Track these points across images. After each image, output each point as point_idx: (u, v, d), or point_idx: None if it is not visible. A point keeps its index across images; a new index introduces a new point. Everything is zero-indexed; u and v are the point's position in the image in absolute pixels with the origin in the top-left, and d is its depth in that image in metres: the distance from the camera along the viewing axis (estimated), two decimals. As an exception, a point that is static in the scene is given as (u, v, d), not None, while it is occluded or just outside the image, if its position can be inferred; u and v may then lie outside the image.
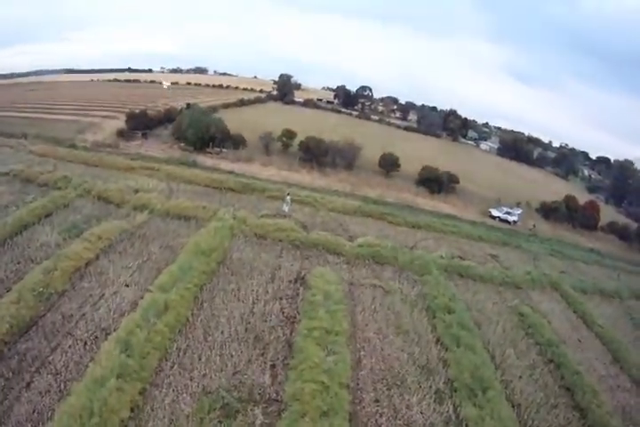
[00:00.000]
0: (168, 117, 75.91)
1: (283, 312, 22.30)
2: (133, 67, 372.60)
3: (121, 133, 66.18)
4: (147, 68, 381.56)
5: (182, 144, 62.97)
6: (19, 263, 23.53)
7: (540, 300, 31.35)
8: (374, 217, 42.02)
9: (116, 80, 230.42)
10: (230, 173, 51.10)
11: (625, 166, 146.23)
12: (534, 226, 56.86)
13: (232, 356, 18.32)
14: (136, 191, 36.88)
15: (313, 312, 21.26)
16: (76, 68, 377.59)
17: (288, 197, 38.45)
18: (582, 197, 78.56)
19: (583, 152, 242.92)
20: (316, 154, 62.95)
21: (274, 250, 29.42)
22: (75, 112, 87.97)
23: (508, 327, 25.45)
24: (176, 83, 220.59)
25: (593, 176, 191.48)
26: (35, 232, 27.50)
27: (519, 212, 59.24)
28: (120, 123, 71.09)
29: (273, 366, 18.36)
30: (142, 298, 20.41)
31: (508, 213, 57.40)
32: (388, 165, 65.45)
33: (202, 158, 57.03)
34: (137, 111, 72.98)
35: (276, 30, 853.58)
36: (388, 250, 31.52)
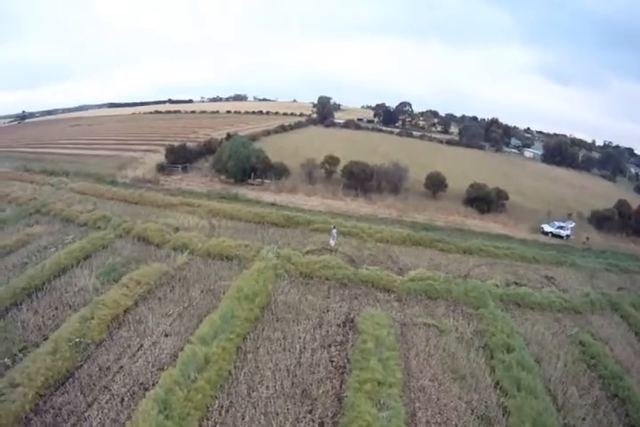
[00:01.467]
0: (208, 149, 75.49)
1: (332, 362, 20.55)
2: (174, 98, 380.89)
3: (161, 168, 66.04)
4: (187, 98, 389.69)
5: (223, 177, 62.33)
6: (56, 309, 23.06)
7: (601, 324, 29.23)
8: (424, 245, 39.75)
9: (157, 112, 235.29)
10: (273, 205, 49.88)
11: None
12: (588, 239, 53.56)
13: (277, 414, 16.69)
14: (176, 230, 36.08)
15: (364, 362, 19.49)
16: (117, 102, 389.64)
17: (334, 231, 36.67)
18: (632, 199, 73.99)
19: (628, 149, 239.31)
20: (360, 179, 60.14)
21: (321, 290, 27.79)
22: (116, 147, 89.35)
23: (569, 361, 23.50)
24: (216, 111, 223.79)
25: None
26: (73, 276, 26.90)
27: (571, 225, 55.82)
28: (160, 156, 71.17)
29: (322, 425, 16.67)
30: (182, 350, 19.07)
31: (561, 228, 54.19)
32: (435, 185, 62.45)
33: (243, 191, 56.31)
34: (176, 145, 72.53)
35: (312, 53, 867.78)
36: (441, 283, 29.63)
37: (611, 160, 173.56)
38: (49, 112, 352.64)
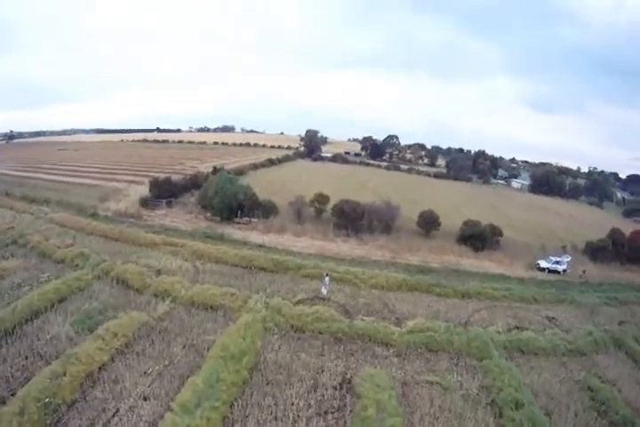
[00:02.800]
0: (194, 183, 73.65)
1: (329, 432, 18.62)
2: (162, 126, 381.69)
3: (144, 202, 64.17)
4: (175, 127, 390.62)
5: (209, 214, 60.64)
6: (26, 359, 21.38)
7: (607, 364, 28.68)
8: (421, 290, 38.35)
9: (144, 140, 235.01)
10: (261, 246, 47.93)
11: None
12: (584, 272, 53.09)
13: None
14: (158, 273, 34.14)
15: (366, 432, 17.70)
16: (106, 127, 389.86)
17: (326, 278, 34.74)
18: (623, 225, 76.07)
19: (613, 173, 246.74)
20: (351, 218, 58.15)
21: (314, 346, 25.75)
22: (100, 176, 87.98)
23: (579, 410, 22.49)
24: (204, 142, 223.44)
25: (626, 197, 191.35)
26: (46, 321, 25.15)
27: (567, 259, 55.01)
28: (145, 188, 69.37)
29: None
30: (162, 418, 17.29)
31: (557, 263, 53.44)
32: (428, 224, 60.74)
33: (230, 230, 54.66)
34: (161, 177, 70.93)
35: (300, 85, 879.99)
36: (442, 333, 28.16)
37: (597, 186, 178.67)
38: (37, 133, 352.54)
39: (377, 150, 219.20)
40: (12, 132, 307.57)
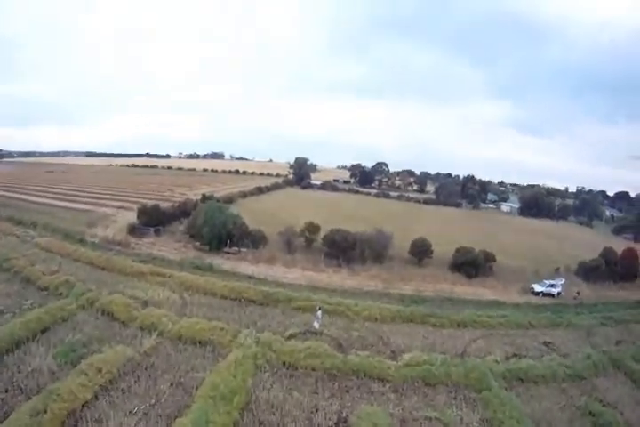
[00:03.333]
0: (183, 211, 73.00)
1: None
2: (152, 152, 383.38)
3: (132, 229, 63.31)
4: (164, 153, 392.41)
5: (197, 243, 60.06)
6: (6, 392, 20.36)
7: (606, 386, 28.73)
8: (415, 321, 37.68)
9: (134, 166, 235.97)
10: (250, 277, 47.13)
11: None
12: (578, 293, 54.07)
13: None
14: (145, 304, 33.04)
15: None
16: (96, 151, 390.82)
17: (319, 312, 33.58)
18: (614, 243, 79.03)
19: (601, 191, 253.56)
20: (342, 248, 57.42)
21: (307, 384, 24.68)
22: (88, 200, 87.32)
23: None
24: (193, 169, 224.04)
25: (615, 215, 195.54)
26: (28, 352, 24.16)
27: (561, 282, 55.77)
28: (133, 215, 68.66)
29: None
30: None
31: (552, 286, 54.01)
32: (421, 252, 60.56)
33: (219, 260, 53.89)
34: (150, 204, 70.13)
35: (288, 113, 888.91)
36: (439, 366, 27.27)
37: (586, 206, 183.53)
38: (26, 153, 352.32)
39: (366, 177, 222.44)
40: (0, 150, 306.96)
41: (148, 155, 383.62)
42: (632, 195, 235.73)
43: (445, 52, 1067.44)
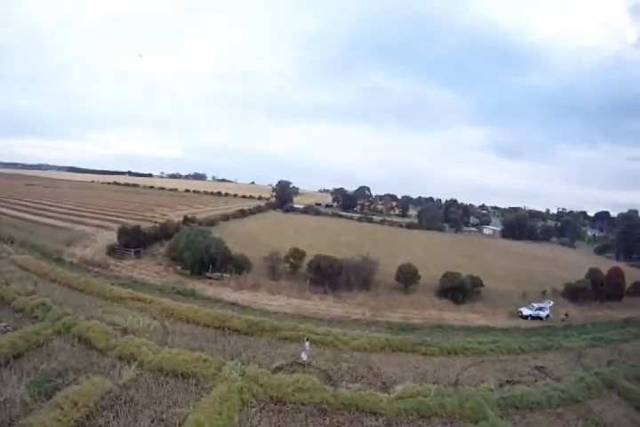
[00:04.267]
0: (164, 233, 71.30)
1: None
2: (134, 170, 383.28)
3: (112, 250, 61.34)
4: (147, 172, 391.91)
5: (179, 267, 58.11)
6: None
7: (602, 408, 28.92)
8: (405, 350, 36.81)
9: (115, 183, 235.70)
10: (234, 304, 45.56)
11: (630, 217, 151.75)
12: (566, 315, 55.05)
13: None
14: (124, 332, 31.48)
15: None
16: (78, 166, 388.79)
17: (306, 343, 32.01)
18: (599, 263, 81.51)
19: (582, 212, 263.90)
20: (328, 274, 56.06)
21: (296, 420, 23.26)
22: (68, 217, 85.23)
23: None
24: (175, 189, 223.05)
25: (597, 234, 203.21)
26: None
27: (549, 305, 55.95)
28: (113, 235, 66.76)
29: None
30: None
31: (540, 309, 54.25)
32: (407, 278, 59.36)
33: (201, 285, 52.29)
34: (131, 225, 68.42)
35: (271, 136, 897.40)
36: (432, 397, 26.48)
37: (568, 227, 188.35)
38: (6, 164, 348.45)
39: (349, 201, 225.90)
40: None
41: (130, 173, 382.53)
42: (612, 214, 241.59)
43: (427, 79, 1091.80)
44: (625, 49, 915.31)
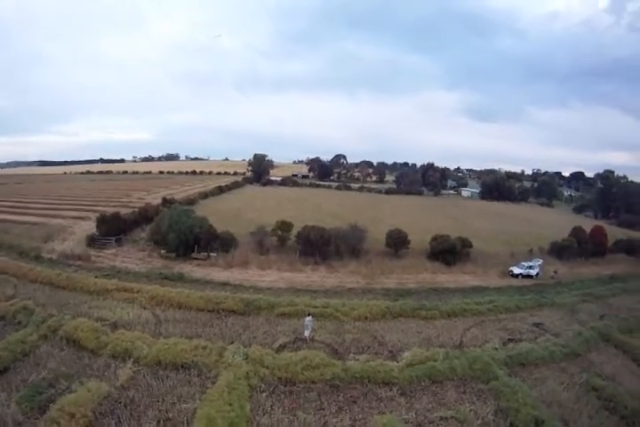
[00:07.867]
0: (144, 217, 68.87)
1: None
2: (105, 157, 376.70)
3: (92, 241, 59.12)
4: (119, 157, 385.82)
5: (163, 251, 56.08)
6: None
7: (601, 360, 30.07)
8: (406, 316, 36.91)
9: (88, 172, 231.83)
10: (225, 284, 44.41)
11: (606, 177, 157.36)
12: (555, 272, 57.14)
13: None
14: (114, 327, 29.86)
15: None
16: (49, 159, 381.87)
17: (308, 318, 30.78)
18: (576, 222, 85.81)
19: (557, 172, 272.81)
20: (317, 245, 55.41)
21: (310, 400, 22.16)
22: (43, 212, 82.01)
23: (592, 412, 22.76)
24: (149, 172, 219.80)
25: (573, 194, 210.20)
26: None
27: (539, 263, 57.85)
28: (91, 225, 64.54)
29: None
30: None
31: (530, 268, 56.18)
32: (397, 244, 59.44)
33: (188, 267, 50.98)
34: (109, 212, 65.77)
35: (241, 111, 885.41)
36: (442, 362, 26.57)
37: (545, 187, 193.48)
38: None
39: (325, 171, 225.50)
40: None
41: (102, 160, 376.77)
42: (587, 175, 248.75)
43: (399, 44, 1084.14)
44: (597, 14, 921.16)
